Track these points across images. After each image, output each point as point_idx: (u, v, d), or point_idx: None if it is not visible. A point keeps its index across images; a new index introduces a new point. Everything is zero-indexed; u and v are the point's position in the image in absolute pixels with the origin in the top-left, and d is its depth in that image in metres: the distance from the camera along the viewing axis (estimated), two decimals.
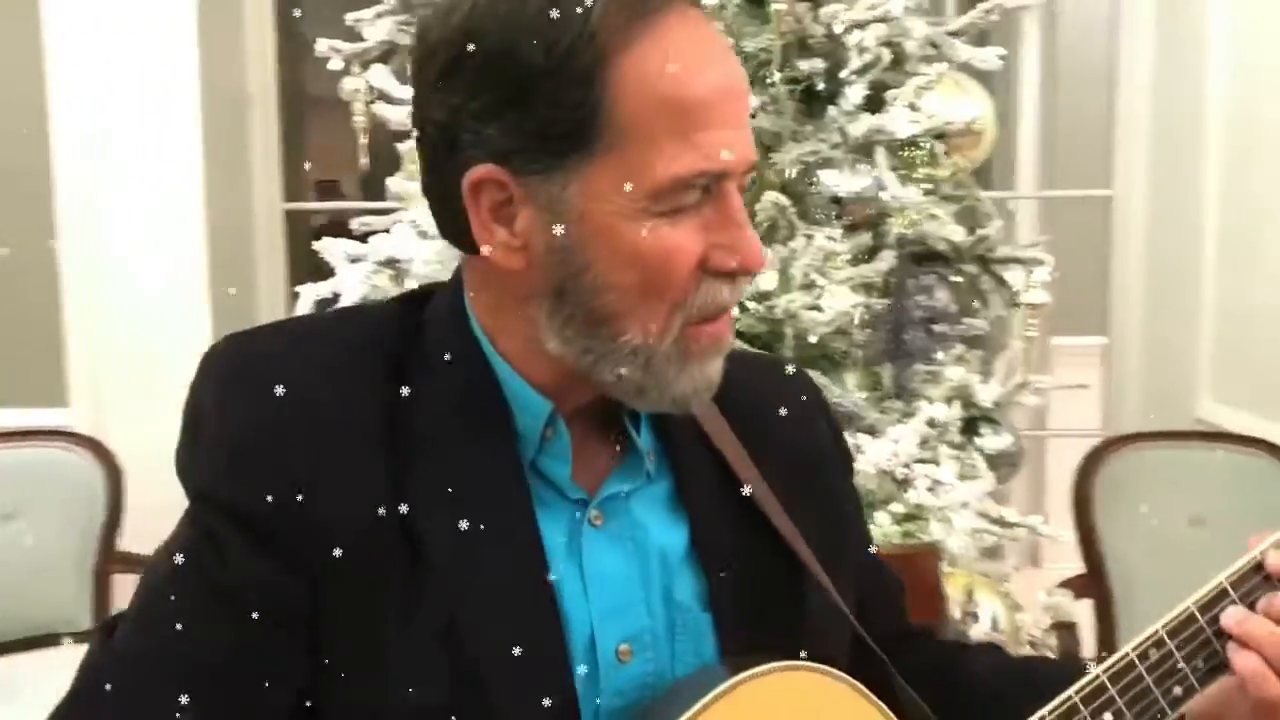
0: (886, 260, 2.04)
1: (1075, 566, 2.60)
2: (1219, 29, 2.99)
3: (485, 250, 0.78)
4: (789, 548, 0.86)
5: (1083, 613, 2.52)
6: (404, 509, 0.76)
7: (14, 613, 2.66)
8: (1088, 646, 2.43)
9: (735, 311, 0.84)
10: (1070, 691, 0.84)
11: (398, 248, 2.01)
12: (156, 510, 2.85)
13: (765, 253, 0.82)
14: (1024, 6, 2.18)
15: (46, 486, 2.74)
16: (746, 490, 0.85)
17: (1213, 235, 3.04)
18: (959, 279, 2.16)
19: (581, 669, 0.79)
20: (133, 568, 2.78)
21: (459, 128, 0.77)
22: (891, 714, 0.83)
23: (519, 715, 0.76)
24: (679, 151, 0.75)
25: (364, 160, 2.26)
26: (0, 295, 3.09)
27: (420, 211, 1.94)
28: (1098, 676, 0.84)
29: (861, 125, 1.98)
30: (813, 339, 1.88)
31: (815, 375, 1.80)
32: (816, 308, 1.88)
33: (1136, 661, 0.84)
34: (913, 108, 2.07)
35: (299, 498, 0.75)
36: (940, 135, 2.11)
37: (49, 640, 2.67)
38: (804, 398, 0.98)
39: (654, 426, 0.88)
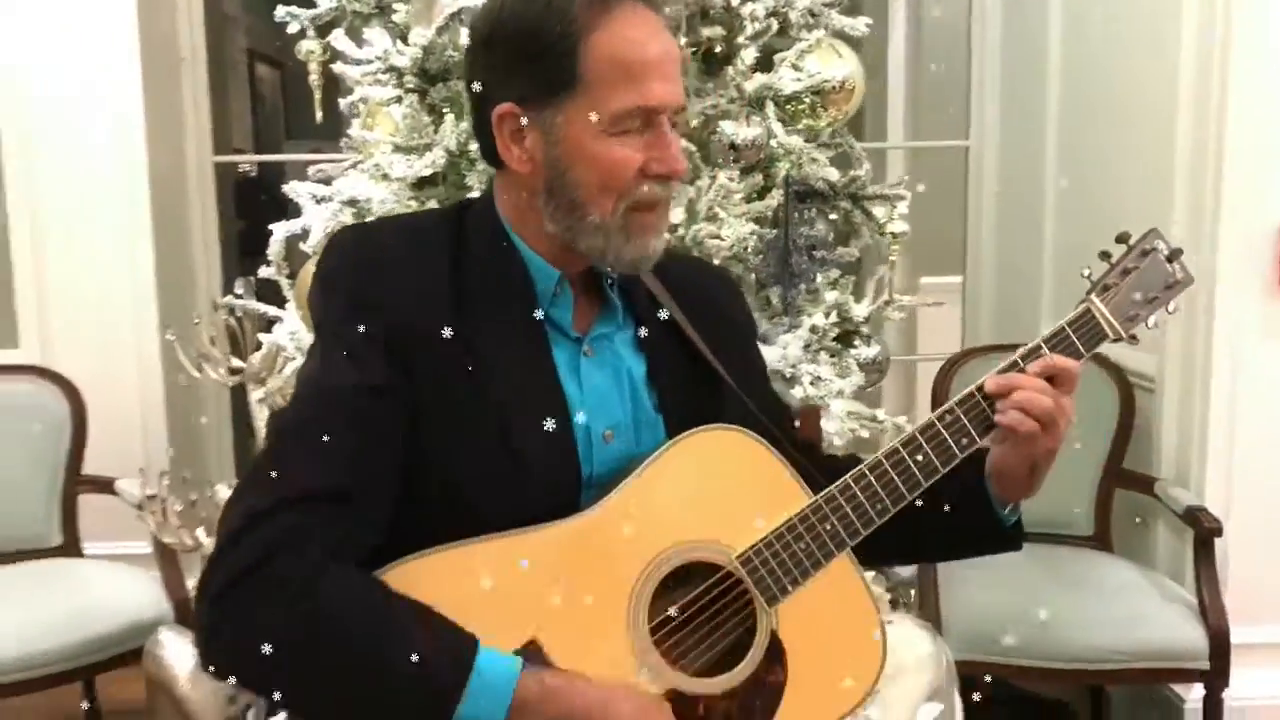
0: (775, 198, 2.40)
1: None
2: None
3: (506, 162, 1.17)
4: (712, 370, 1.26)
5: None
6: (465, 336, 1.13)
7: None
8: None
9: (674, 218, 1.21)
10: (895, 442, 1.23)
11: (358, 189, 2.31)
12: (108, 434, 3.14)
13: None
14: None
15: (17, 417, 2.96)
16: (684, 328, 1.27)
17: (1052, 181, 3.49)
18: (835, 215, 2.54)
19: (581, 446, 1.17)
20: (97, 488, 3.03)
21: (493, 81, 1.17)
22: (787, 464, 1.21)
23: (541, 470, 1.14)
24: (626, 93, 1.13)
25: (319, 115, 2.55)
26: None
27: (383, 157, 2.24)
28: (914, 433, 1.23)
29: (754, 83, 2.34)
30: (715, 262, 2.24)
31: None
32: (718, 237, 2.24)
33: (936, 421, 1.23)
34: (795, 68, 2.44)
35: (401, 323, 1.11)
36: (818, 91, 2.48)
37: (21, 555, 2.91)
38: (724, 282, 1.43)
39: (624, 292, 1.26)
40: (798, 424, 1.47)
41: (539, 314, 1.19)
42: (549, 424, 1.14)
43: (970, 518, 1.30)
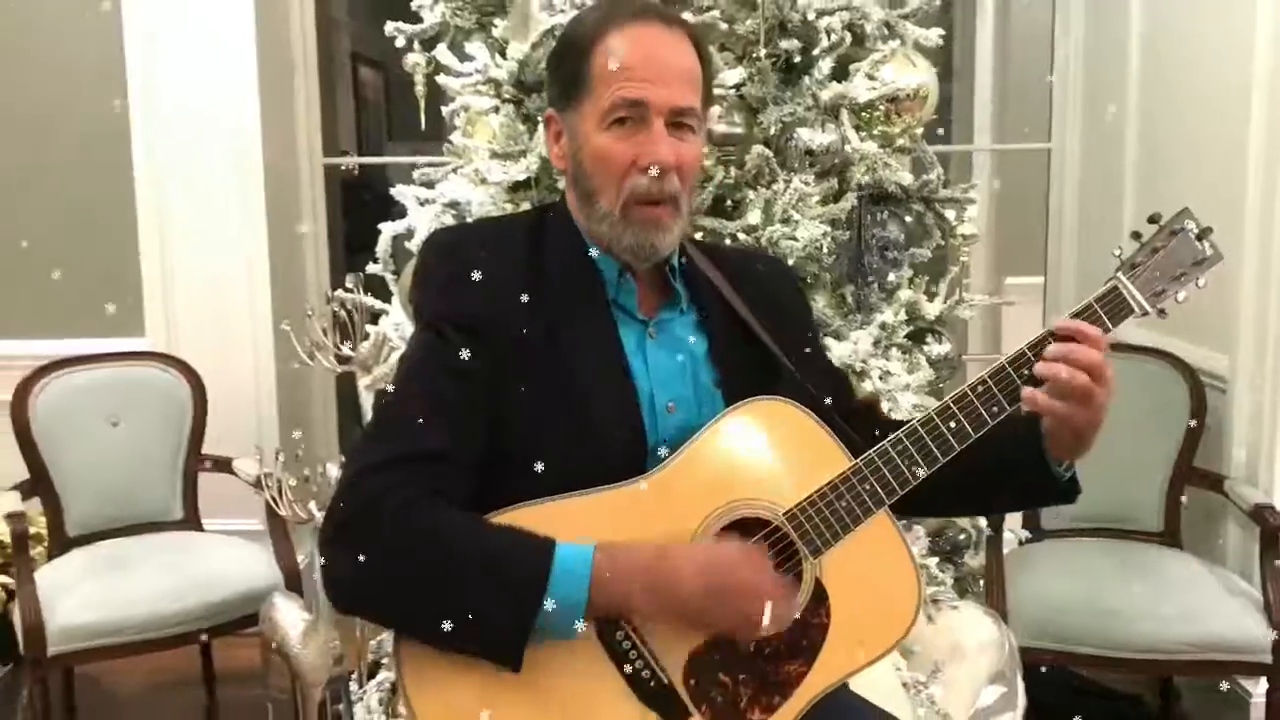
0: (849, 201, 2.53)
1: None
2: (1138, 6, 3.47)
3: (552, 159, 1.41)
4: (766, 349, 1.41)
5: None
6: (543, 322, 1.31)
7: (121, 506, 3.14)
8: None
9: (676, 220, 1.36)
10: (932, 410, 1.35)
11: (458, 192, 2.49)
12: (224, 416, 3.37)
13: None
14: None
15: (145, 400, 3.21)
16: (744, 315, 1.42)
17: (1131, 184, 3.54)
18: (909, 216, 2.66)
19: (647, 415, 1.34)
20: (216, 467, 3.27)
21: (551, 89, 1.40)
22: (830, 431, 1.35)
23: (611, 438, 1.31)
24: (614, 89, 1.32)
25: (423, 122, 2.74)
26: (88, 247, 3.56)
27: (481, 162, 2.41)
28: (948, 401, 1.35)
29: (829, 91, 2.47)
30: (790, 262, 2.38)
31: None
32: (793, 238, 2.37)
33: (969, 391, 1.35)
34: (870, 77, 2.56)
35: (486, 312, 1.30)
36: (893, 99, 2.59)
37: (150, 527, 3.16)
38: (778, 270, 1.60)
39: (686, 281, 1.42)
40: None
41: (606, 303, 1.37)
42: (617, 394, 1.32)
43: (1027, 473, 1.40)
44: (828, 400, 1.44)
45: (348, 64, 6.12)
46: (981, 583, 2.80)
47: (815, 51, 2.45)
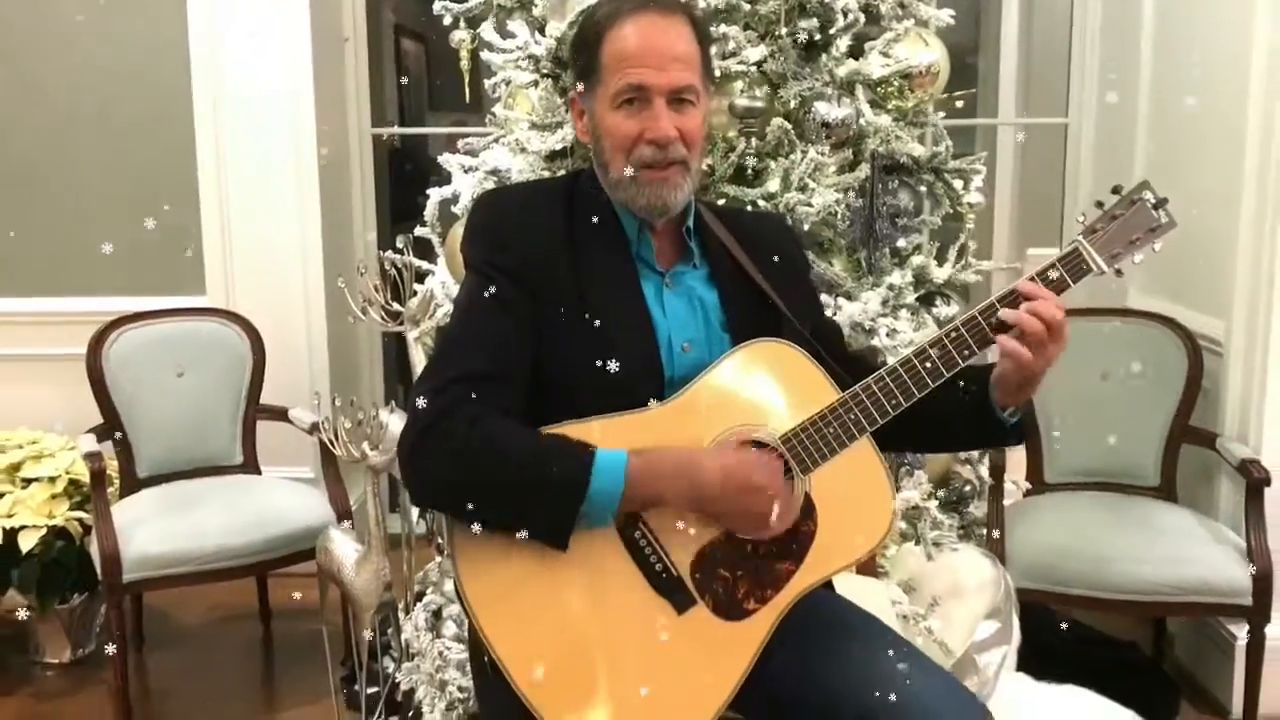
0: (863, 171, 2.71)
1: None
2: None
3: (577, 134, 1.63)
4: (772, 301, 1.62)
5: (1016, 448, 3.23)
6: (575, 269, 1.53)
7: (187, 450, 3.40)
8: (1008, 470, 3.15)
9: (685, 179, 1.58)
10: (910, 351, 1.55)
11: (500, 161, 2.70)
12: (280, 369, 3.61)
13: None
14: None
15: (209, 353, 3.46)
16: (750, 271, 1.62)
17: (1140, 158, 3.69)
18: (921, 186, 2.84)
19: (664, 353, 1.56)
20: (273, 416, 3.51)
21: (572, 73, 1.61)
22: (821, 369, 1.56)
23: (634, 371, 1.52)
24: (621, 76, 1.54)
25: (468, 96, 2.94)
26: (154, 212, 3.79)
27: (521, 133, 2.62)
28: (924, 344, 1.54)
29: (845, 68, 2.65)
30: (806, 227, 2.57)
31: (810, 254, 2.52)
32: (808, 204, 2.56)
33: (943, 336, 1.54)
34: (885, 55, 2.74)
35: (525, 258, 1.52)
36: (906, 75, 2.77)
37: (213, 470, 3.42)
38: (783, 230, 1.81)
39: (700, 239, 1.63)
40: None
41: (630, 254, 1.59)
42: (638, 332, 1.54)
43: (976, 416, 1.61)
44: (841, 346, 1.65)
45: (391, 36, 6.34)
46: (984, 529, 3.00)
47: (831, 31, 2.63)
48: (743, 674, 1.47)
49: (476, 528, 1.45)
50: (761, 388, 1.54)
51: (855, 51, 2.72)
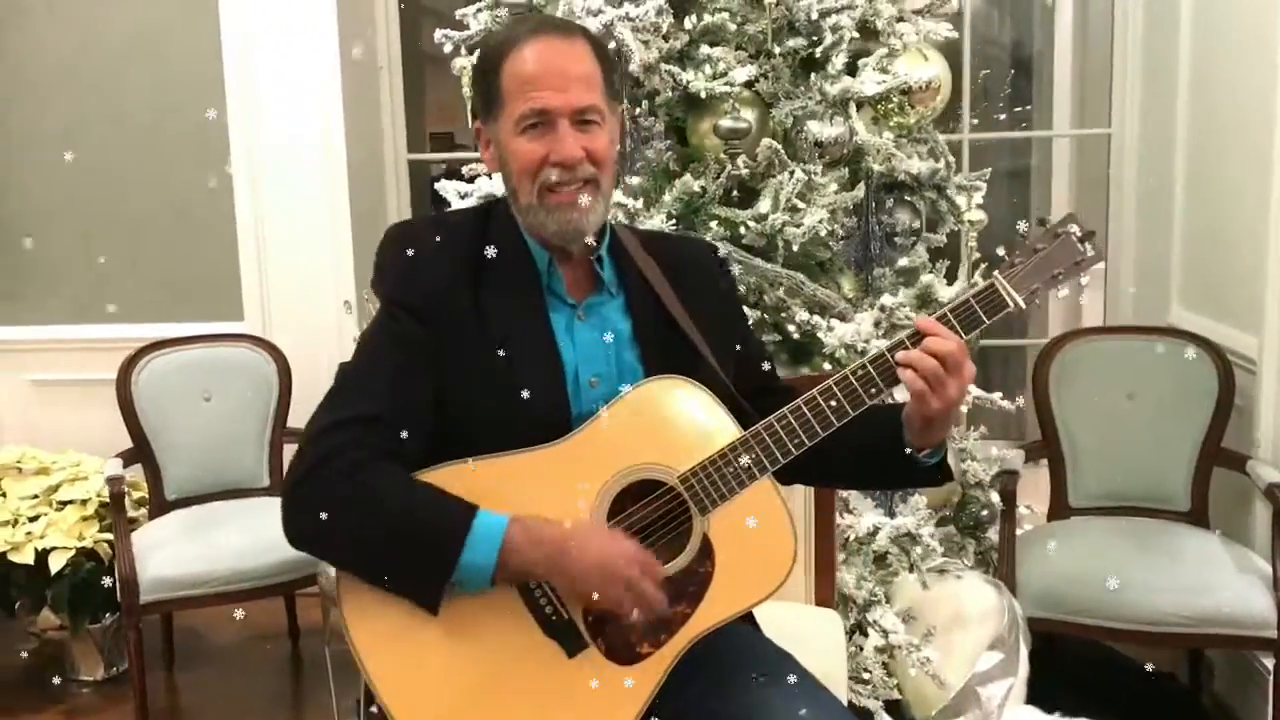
0: (861, 190, 2.67)
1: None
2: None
3: (485, 165, 1.61)
4: (686, 335, 1.58)
5: (1040, 472, 3.14)
6: (482, 305, 1.51)
7: (214, 473, 3.47)
8: (1032, 494, 3.05)
9: (596, 199, 1.53)
10: (814, 390, 1.50)
11: (495, 187, 2.72)
12: (311, 395, 3.64)
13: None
14: None
15: (235, 378, 3.53)
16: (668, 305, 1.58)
17: (1181, 169, 3.56)
18: (921, 204, 2.78)
19: (571, 388, 1.53)
20: (298, 439, 3.57)
21: (475, 104, 1.58)
22: (724, 407, 1.52)
23: (538, 408, 1.48)
24: (523, 101, 1.50)
25: (470, 120, 2.96)
26: (193, 241, 3.92)
27: None
28: (830, 383, 1.49)
29: (837, 86, 2.61)
30: (795, 247, 2.53)
31: (799, 273, 2.48)
32: (796, 225, 2.53)
33: (850, 374, 1.49)
34: (883, 70, 2.69)
35: (428, 293, 1.50)
36: (906, 91, 2.72)
37: (239, 493, 3.49)
38: (707, 256, 1.74)
39: (616, 268, 1.61)
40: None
41: (539, 287, 1.56)
42: (544, 368, 1.51)
43: (890, 457, 1.56)
44: (762, 376, 1.63)
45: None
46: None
47: (820, 49, 2.59)
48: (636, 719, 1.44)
49: None
50: (661, 425, 1.50)
51: (852, 69, 2.69)
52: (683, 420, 1.51)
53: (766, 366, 1.71)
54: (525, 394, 1.48)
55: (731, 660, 1.51)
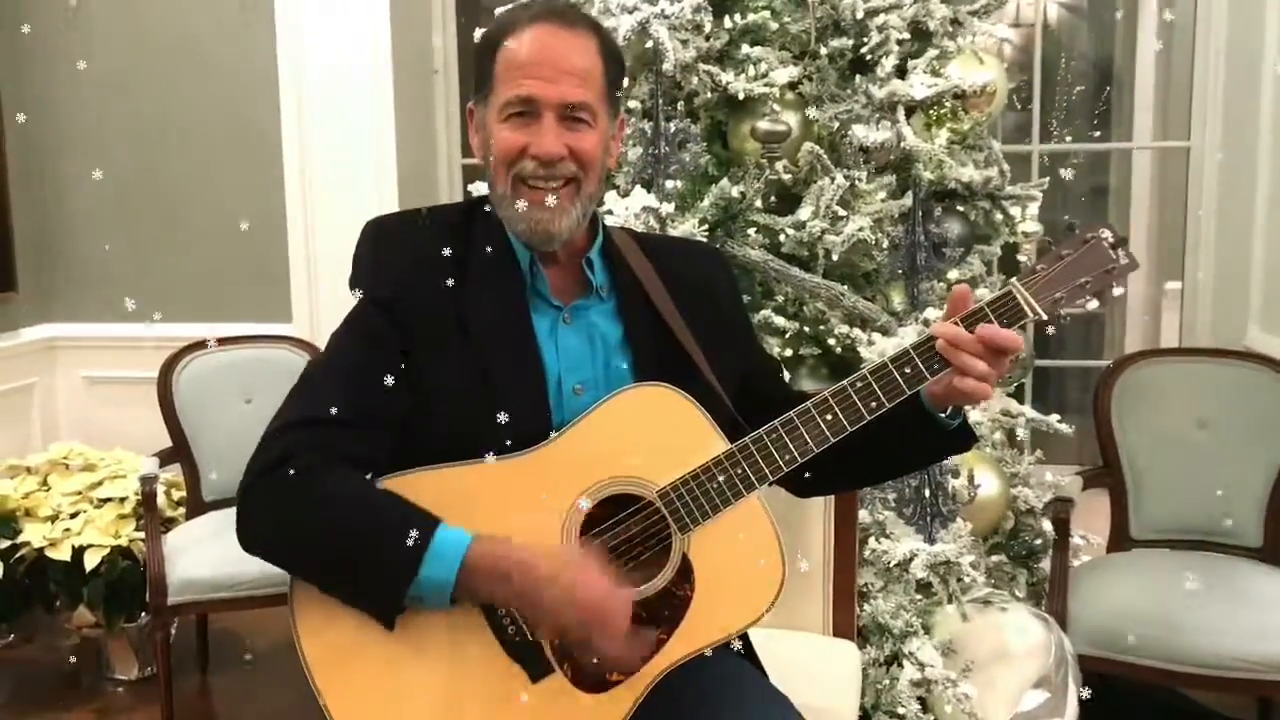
0: (908, 197, 2.54)
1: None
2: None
3: (473, 150, 1.50)
4: (680, 343, 1.47)
5: (1097, 500, 2.96)
6: (461, 305, 1.41)
7: None
8: (1091, 523, 2.88)
9: (571, 202, 1.44)
10: (809, 402, 1.39)
11: None
12: None
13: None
14: None
15: (277, 380, 3.48)
16: (663, 312, 1.47)
17: (1264, 184, 3.36)
18: (973, 214, 2.64)
19: (553, 396, 1.42)
20: None
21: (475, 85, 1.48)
22: (711, 419, 1.40)
23: (517, 415, 1.39)
24: (509, 86, 1.41)
25: None
26: (245, 247, 3.91)
27: None
28: (825, 394, 1.38)
29: (884, 89, 2.49)
30: (835, 256, 2.42)
31: (839, 284, 2.37)
32: (835, 233, 2.41)
33: (847, 385, 1.38)
34: (934, 73, 2.55)
35: (404, 293, 1.41)
36: (959, 96, 2.58)
37: None
38: (709, 259, 1.63)
39: (609, 271, 1.50)
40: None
41: (522, 288, 1.45)
42: (524, 375, 1.41)
43: (912, 427, 1.44)
44: (762, 390, 1.51)
45: None
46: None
47: (865, 49, 2.47)
48: None
49: None
50: (641, 436, 1.39)
51: (902, 71, 2.56)
52: (666, 431, 1.40)
53: (776, 379, 1.59)
54: (503, 400, 1.38)
55: (712, 694, 1.40)
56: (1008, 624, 2.50)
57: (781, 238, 2.47)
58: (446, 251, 1.44)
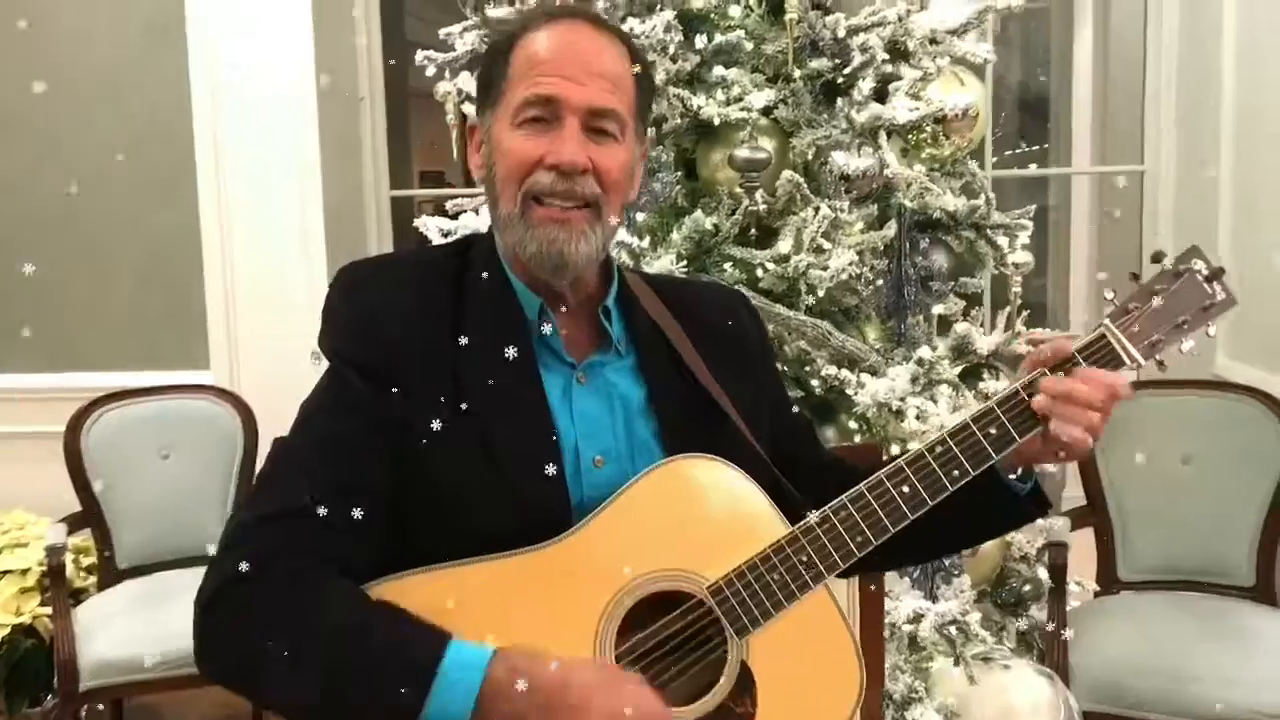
0: (892, 228, 2.38)
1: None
2: (1231, 24, 3.24)
3: (472, 172, 1.28)
4: (714, 402, 1.26)
5: (1083, 540, 2.83)
6: (457, 366, 1.18)
7: (171, 538, 3.14)
8: (1076, 565, 2.74)
9: (592, 228, 1.22)
10: (881, 473, 1.20)
11: (479, 223, 2.43)
12: None
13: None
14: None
15: (196, 433, 3.21)
16: (693, 368, 1.26)
17: (1225, 208, 3.30)
18: (957, 244, 2.49)
19: (570, 470, 1.20)
20: None
21: (476, 102, 1.28)
22: (765, 494, 1.21)
23: (528, 495, 1.16)
24: (526, 85, 1.20)
25: (455, 152, 2.68)
26: (157, 288, 3.62)
27: None
28: (901, 464, 1.20)
29: (865, 113, 2.33)
30: (820, 293, 2.24)
31: (826, 322, 2.19)
32: (822, 267, 2.23)
33: (925, 453, 1.20)
34: (916, 97, 2.40)
35: (384, 351, 1.18)
36: (940, 120, 2.44)
37: (198, 560, 3.16)
38: (736, 305, 1.41)
39: (625, 321, 1.29)
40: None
41: (530, 342, 1.23)
42: (534, 448, 1.18)
43: (984, 497, 1.25)
44: (793, 453, 1.31)
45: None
46: (1045, 637, 2.59)
47: (847, 71, 2.31)
48: None
49: None
50: (686, 520, 1.18)
51: (881, 95, 2.40)
52: (714, 513, 1.18)
53: (809, 438, 1.40)
54: (513, 479, 1.16)
55: None
56: (1011, 682, 2.33)
57: (760, 272, 2.29)
58: (438, 300, 1.21)
